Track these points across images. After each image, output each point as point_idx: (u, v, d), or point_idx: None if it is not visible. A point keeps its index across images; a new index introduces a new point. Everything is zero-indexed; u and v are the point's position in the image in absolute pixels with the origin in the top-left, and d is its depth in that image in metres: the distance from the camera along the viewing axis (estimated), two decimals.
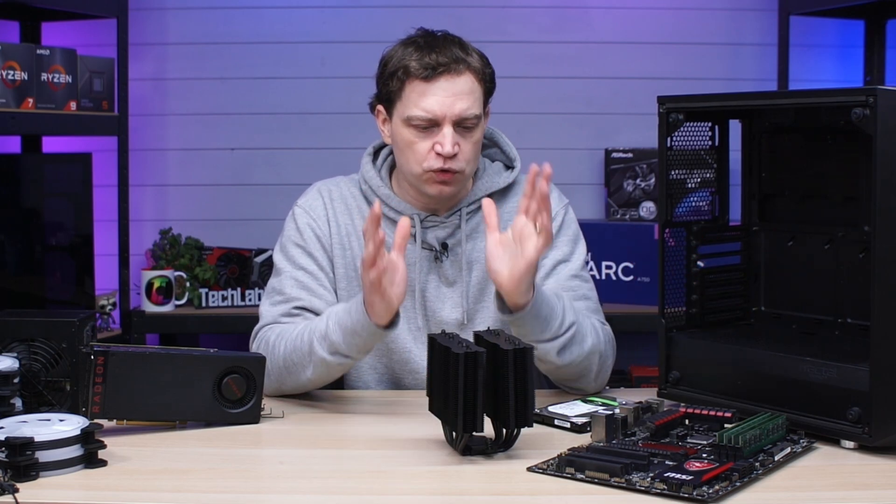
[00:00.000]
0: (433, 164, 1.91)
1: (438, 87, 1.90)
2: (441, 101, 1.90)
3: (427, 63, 1.90)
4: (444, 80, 1.90)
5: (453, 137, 1.90)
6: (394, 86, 1.93)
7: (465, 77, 1.92)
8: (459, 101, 1.90)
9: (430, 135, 1.91)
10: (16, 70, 2.92)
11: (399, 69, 1.92)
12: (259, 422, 1.75)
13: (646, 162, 3.51)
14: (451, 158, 1.91)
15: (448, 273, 2.00)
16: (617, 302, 3.31)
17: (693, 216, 1.88)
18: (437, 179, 1.93)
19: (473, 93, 1.93)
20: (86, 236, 3.36)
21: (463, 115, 1.91)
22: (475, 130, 1.94)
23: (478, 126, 1.94)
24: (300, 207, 2.05)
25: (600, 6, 3.67)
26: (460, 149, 1.91)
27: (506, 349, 1.50)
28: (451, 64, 1.90)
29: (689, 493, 1.33)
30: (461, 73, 1.91)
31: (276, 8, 3.66)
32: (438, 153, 1.90)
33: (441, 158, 1.91)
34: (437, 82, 1.90)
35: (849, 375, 1.56)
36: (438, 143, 1.90)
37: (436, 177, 1.92)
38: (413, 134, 1.92)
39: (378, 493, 1.43)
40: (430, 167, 1.92)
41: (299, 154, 3.66)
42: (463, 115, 1.91)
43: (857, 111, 1.51)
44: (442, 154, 1.90)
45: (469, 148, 1.94)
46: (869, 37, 3.57)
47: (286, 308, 1.95)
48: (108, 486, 1.43)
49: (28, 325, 1.71)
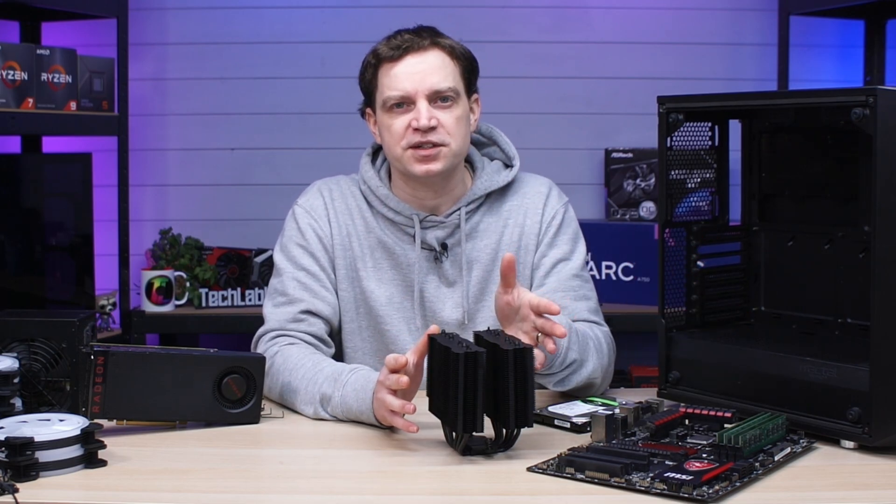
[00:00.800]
0: (412, 140, 1.91)
1: (406, 64, 1.92)
2: (410, 76, 1.91)
3: (393, 44, 1.93)
4: (411, 57, 1.92)
5: (428, 111, 1.90)
6: (369, 77, 1.96)
7: (434, 52, 1.93)
8: (430, 76, 1.91)
9: (405, 113, 1.92)
10: (16, 70, 2.92)
11: (370, 59, 1.96)
12: (259, 422, 1.75)
13: (646, 162, 3.51)
14: (431, 132, 1.90)
15: (448, 273, 2.00)
16: (617, 302, 3.31)
17: (693, 216, 1.88)
18: (418, 157, 1.92)
19: (444, 67, 1.93)
20: (86, 236, 3.36)
21: (435, 88, 1.91)
22: (455, 106, 1.94)
23: (457, 101, 1.94)
24: (301, 207, 2.04)
25: (600, 6, 3.67)
26: (440, 122, 1.91)
27: (506, 349, 1.50)
28: (416, 40, 1.93)
29: (689, 493, 1.33)
30: (428, 48, 1.93)
31: (276, 8, 3.66)
32: (415, 128, 1.90)
33: (419, 133, 1.90)
34: (404, 60, 1.92)
35: (849, 375, 1.56)
36: (414, 118, 1.91)
37: (417, 153, 1.92)
38: (390, 117, 1.93)
39: (378, 493, 1.43)
40: (408, 143, 1.92)
41: (299, 154, 3.66)
42: (435, 88, 1.91)
43: (857, 111, 1.51)
44: (419, 128, 1.90)
45: (451, 122, 1.93)
46: (869, 37, 3.57)
47: (291, 312, 1.95)
48: (108, 486, 1.43)
49: (28, 325, 1.71)
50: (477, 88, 2.01)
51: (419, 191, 1.99)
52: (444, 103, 1.92)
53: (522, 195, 2.04)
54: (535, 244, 2.02)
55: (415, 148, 1.91)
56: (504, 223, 2.02)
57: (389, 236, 2.00)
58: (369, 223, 2.01)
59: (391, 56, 1.92)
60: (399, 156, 1.94)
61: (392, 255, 2.00)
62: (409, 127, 1.91)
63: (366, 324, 2.01)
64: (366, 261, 2.00)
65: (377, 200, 2.00)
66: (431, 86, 1.91)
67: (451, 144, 1.93)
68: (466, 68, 1.97)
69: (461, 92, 1.95)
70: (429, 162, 1.92)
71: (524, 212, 2.03)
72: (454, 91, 1.93)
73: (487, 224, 2.02)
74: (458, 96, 1.94)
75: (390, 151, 1.96)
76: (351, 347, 2.02)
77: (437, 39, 1.95)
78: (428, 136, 1.91)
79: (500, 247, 2.01)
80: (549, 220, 2.02)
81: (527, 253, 2.01)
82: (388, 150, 1.97)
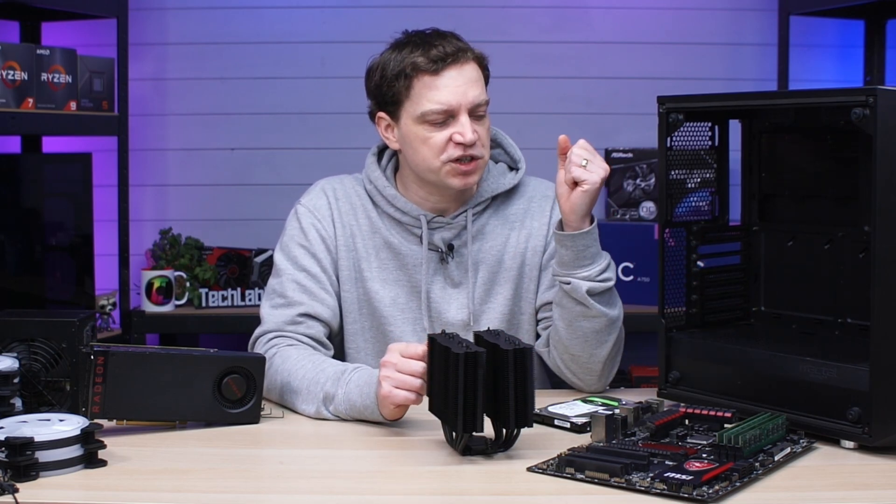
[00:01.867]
0: (453, 154, 1.91)
1: (448, 78, 1.90)
2: (453, 90, 1.90)
3: (434, 56, 1.90)
4: (453, 70, 1.91)
5: (471, 125, 1.91)
6: (400, 86, 1.92)
7: (471, 65, 1.93)
8: (471, 89, 1.91)
9: (445, 127, 1.91)
10: (16, 70, 2.92)
11: (404, 68, 1.91)
12: (259, 422, 1.75)
13: (646, 162, 3.51)
14: (472, 146, 1.91)
15: (454, 274, 2.00)
16: None
17: (693, 216, 1.88)
18: (460, 171, 1.92)
19: (480, 80, 1.94)
20: (86, 236, 3.36)
21: (476, 102, 1.91)
22: (486, 117, 1.96)
23: (487, 112, 1.96)
24: (304, 206, 2.03)
25: (600, 6, 3.67)
26: (478, 136, 1.92)
27: (506, 349, 1.50)
28: (457, 53, 1.91)
29: (688, 493, 1.33)
30: (467, 61, 1.92)
31: (276, 8, 3.66)
32: (459, 142, 1.90)
33: (461, 147, 1.91)
34: (446, 73, 1.90)
35: (849, 375, 1.56)
36: (458, 133, 1.90)
37: (458, 167, 1.92)
38: (427, 129, 1.92)
39: (378, 493, 1.43)
40: (450, 157, 1.91)
41: (299, 154, 3.65)
42: (476, 102, 1.91)
43: (857, 111, 1.51)
44: (464, 142, 1.90)
45: (485, 134, 1.95)
46: (869, 37, 3.56)
47: (289, 314, 1.95)
48: (108, 486, 1.43)
49: (28, 325, 1.71)
50: None
51: (434, 195, 1.99)
52: (479, 117, 1.93)
53: (529, 198, 2.05)
54: (542, 246, 2.02)
55: (455, 162, 1.91)
56: (510, 226, 2.03)
57: (395, 236, 2.00)
58: (374, 223, 2.01)
59: (431, 69, 1.90)
60: (436, 168, 1.93)
61: (398, 255, 1.99)
62: (450, 141, 1.91)
63: (369, 324, 2.01)
64: (370, 261, 2.00)
65: (384, 200, 2.00)
66: (473, 99, 1.91)
67: (485, 156, 1.95)
68: (487, 77, 1.98)
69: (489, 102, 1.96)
70: (468, 176, 1.93)
71: (531, 215, 2.04)
72: (487, 103, 1.95)
73: (494, 226, 2.02)
74: (488, 107, 1.96)
75: (425, 164, 1.94)
76: (353, 348, 2.01)
77: (472, 51, 1.94)
78: (470, 151, 1.91)
79: (506, 249, 2.02)
80: (556, 223, 2.02)
81: (534, 255, 2.02)
82: (420, 161, 1.95)
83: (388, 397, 1.66)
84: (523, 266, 2.02)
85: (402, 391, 1.64)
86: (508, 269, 2.01)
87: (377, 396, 1.69)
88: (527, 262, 2.02)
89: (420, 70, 1.90)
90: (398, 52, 1.93)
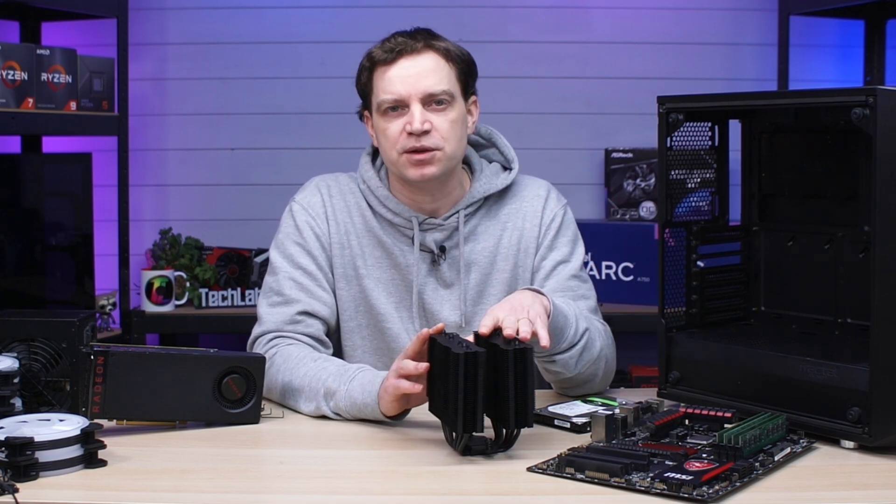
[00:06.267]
0: (406, 144, 1.90)
1: (400, 68, 1.91)
2: (403, 80, 1.90)
3: (387, 47, 1.92)
4: (405, 60, 1.91)
5: (422, 115, 1.90)
6: (364, 80, 1.96)
7: (428, 55, 1.93)
8: (424, 79, 1.91)
9: (401, 117, 1.91)
10: (16, 70, 2.92)
11: (365, 62, 1.95)
12: (259, 422, 1.75)
13: (646, 162, 3.51)
14: (425, 136, 1.90)
15: (446, 275, 2.00)
16: (617, 302, 3.31)
17: (693, 216, 1.88)
18: (413, 161, 1.91)
19: (439, 70, 1.92)
20: (86, 236, 3.36)
21: (429, 91, 1.90)
22: (450, 109, 1.93)
23: (452, 104, 1.93)
24: (298, 204, 2.03)
25: (600, 6, 3.67)
26: (433, 126, 1.90)
27: (506, 349, 1.50)
28: (409, 42, 1.92)
29: (688, 493, 1.33)
30: (421, 51, 1.92)
31: (276, 8, 3.66)
32: (409, 132, 1.90)
33: (413, 137, 1.90)
34: (398, 63, 1.91)
35: (849, 375, 1.56)
36: (408, 122, 1.90)
37: (411, 158, 1.91)
38: (385, 120, 1.92)
39: (378, 493, 1.43)
40: (403, 148, 1.91)
41: (299, 154, 3.66)
42: (429, 91, 1.90)
43: (857, 111, 1.51)
44: (412, 132, 1.89)
45: (445, 126, 1.92)
46: (869, 37, 3.57)
47: (288, 313, 1.94)
48: (108, 486, 1.43)
49: (28, 325, 1.71)
50: (475, 91, 2.01)
51: (417, 194, 1.99)
52: (438, 106, 1.92)
53: (521, 198, 2.04)
54: (534, 247, 2.02)
55: (410, 153, 1.91)
56: (503, 226, 2.02)
57: (388, 237, 2.00)
58: (369, 222, 2.01)
59: (385, 59, 1.92)
60: (394, 160, 1.93)
61: (390, 255, 1.99)
62: (404, 131, 1.90)
63: (365, 322, 2.01)
64: (366, 258, 2.00)
65: (376, 201, 2.00)
66: (425, 89, 1.90)
67: (445, 148, 1.92)
68: (463, 70, 1.96)
69: (456, 94, 1.94)
70: (423, 167, 1.91)
71: (523, 215, 2.03)
72: (448, 94, 1.92)
73: (486, 227, 2.02)
74: (453, 99, 1.93)
75: (386, 155, 1.96)
76: (350, 346, 2.01)
77: (431, 42, 1.94)
78: (421, 141, 1.90)
79: (499, 249, 2.01)
80: (548, 223, 2.02)
81: (526, 256, 2.01)
82: (384, 154, 1.97)
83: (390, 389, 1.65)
84: (516, 267, 2.01)
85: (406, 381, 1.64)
86: (501, 271, 2.01)
87: (379, 392, 1.69)
88: (519, 264, 2.01)
89: (376, 62, 1.93)
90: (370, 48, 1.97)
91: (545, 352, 1.77)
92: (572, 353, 1.81)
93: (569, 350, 1.80)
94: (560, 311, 1.77)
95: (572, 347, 1.80)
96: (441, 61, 1.93)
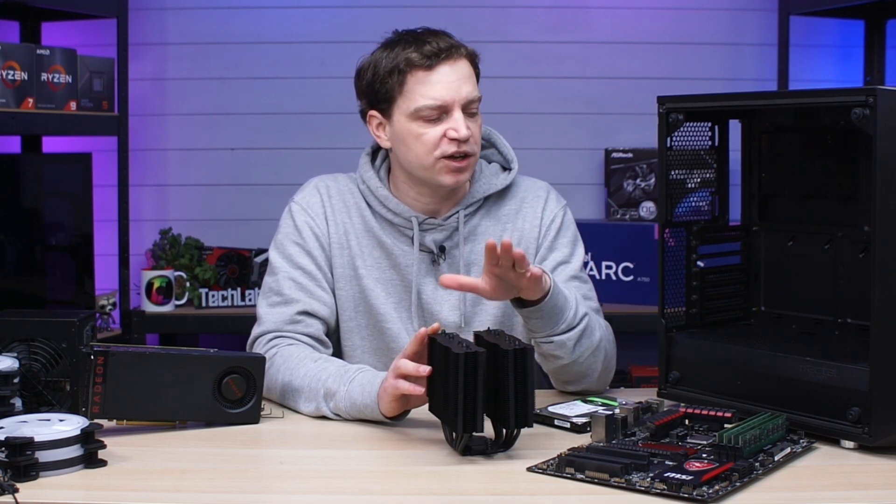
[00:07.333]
0: (447, 150, 1.90)
1: (442, 74, 1.90)
2: (447, 86, 1.90)
3: (427, 52, 1.90)
4: (446, 66, 1.91)
5: (465, 121, 1.90)
6: (393, 83, 1.92)
7: (464, 61, 1.93)
8: (464, 85, 1.91)
9: (439, 123, 1.91)
10: (16, 70, 2.92)
11: (398, 64, 1.91)
12: (259, 422, 1.75)
13: (646, 162, 3.51)
14: (465, 142, 1.91)
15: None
16: (617, 302, 3.31)
17: (693, 216, 1.88)
18: (452, 167, 1.91)
19: (472, 77, 1.94)
20: (86, 236, 3.36)
21: (469, 98, 1.91)
22: (478, 115, 1.96)
23: (478, 111, 1.96)
24: (297, 204, 2.03)
25: (600, 6, 3.67)
26: (471, 132, 1.92)
27: (506, 349, 1.50)
28: (450, 49, 1.91)
29: (688, 493, 1.33)
30: (460, 57, 1.92)
31: (276, 8, 3.66)
32: (453, 138, 1.90)
33: (455, 143, 1.90)
34: (440, 69, 1.90)
35: (849, 375, 1.56)
36: (452, 129, 1.90)
37: (451, 164, 1.91)
38: (421, 126, 1.91)
39: (378, 493, 1.43)
40: (444, 153, 1.91)
41: (299, 154, 3.65)
42: (469, 98, 1.91)
43: (857, 111, 1.51)
44: (458, 138, 1.90)
45: (477, 132, 1.95)
46: (869, 37, 3.57)
47: (287, 313, 1.94)
48: (108, 486, 1.43)
49: (28, 325, 1.71)
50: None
51: (424, 196, 1.99)
52: (471, 113, 1.93)
53: (521, 199, 2.04)
54: (534, 248, 2.02)
55: (450, 158, 1.91)
56: (503, 227, 2.02)
57: (388, 237, 2.00)
58: (368, 222, 2.01)
59: (427, 65, 1.90)
60: (428, 165, 1.92)
61: (390, 255, 1.99)
62: (444, 137, 1.90)
63: (365, 322, 2.01)
64: (365, 259, 2.00)
65: (376, 201, 2.00)
66: (466, 95, 1.91)
67: (476, 154, 1.95)
68: (478, 75, 1.98)
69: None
70: (461, 173, 1.93)
71: (523, 216, 2.03)
72: (479, 100, 1.94)
73: (486, 227, 2.02)
74: (479, 104, 1.96)
75: (418, 161, 1.93)
76: (349, 346, 2.01)
77: (465, 48, 1.95)
78: (463, 147, 1.91)
79: None
80: (548, 224, 2.02)
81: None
82: (413, 159, 1.94)
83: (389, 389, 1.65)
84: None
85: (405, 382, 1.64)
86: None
87: (379, 392, 1.69)
88: None
89: (414, 65, 1.90)
90: (390, 50, 1.93)
91: (544, 330, 1.78)
92: (571, 335, 1.81)
93: (567, 332, 1.81)
94: (560, 290, 1.78)
95: (571, 329, 1.81)
96: (470, 67, 1.95)
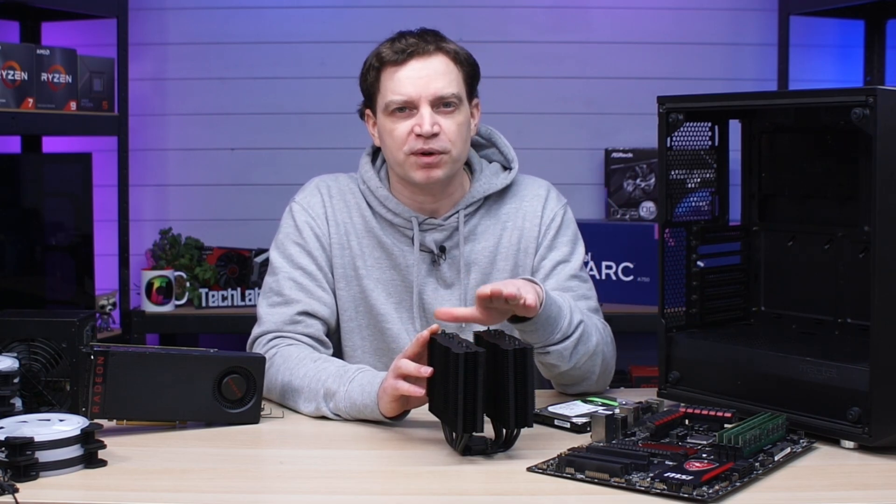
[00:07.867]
0: (414, 146, 1.90)
1: (410, 69, 1.91)
2: (414, 81, 1.90)
3: (398, 48, 1.92)
4: (416, 62, 1.91)
5: (431, 117, 1.90)
6: (371, 79, 1.95)
7: (438, 57, 1.93)
8: (434, 81, 1.91)
9: (409, 118, 1.91)
10: (16, 70, 2.92)
11: (373, 61, 1.95)
12: (259, 422, 1.75)
13: (646, 162, 3.51)
14: (433, 138, 1.90)
15: (446, 276, 2.00)
16: (617, 302, 3.31)
17: (693, 216, 1.88)
18: (420, 164, 1.91)
19: (448, 73, 1.93)
20: (86, 236, 3.36)
21: (439, 94, 1.90)
22: (457, 112, 1.93)
23: (459, 107, 1.93)
24: (298, 204, 2.03)
25: (600, 6, 3.67)
26: (442, 129, 1.90)
27: (506, 349, 1.50)
28: (420, 44, 1.92)
29: (688, 493, 1.33)
30: (432, 53, 1.92)
31: (276, 8, 3.66)
32: (418, 134, 1.90)
33: (421, 139, 1.90)
34: (408, 64, 1.91)
35: (849, 375, 1.56)
36: (417, 125, 1.90)
37: (420, 160, 1.91)
38: (393, 121, 1.92)
39: (378, 493, 1.43)
40: (410, 149, 1.91)
41: (299, 154, 3.66)
42: (439, 94, 1.90)
43: (857, 111, 1.51)
44: (421, 134, 1.89)
45: (453, 129, 1.92)
46: (869, 37, 3.57)
47: (287, 314, 1.94)
48: (108, 486, 1.43)
49: (28, 325, 1.71)
50: (477, 93, 2.01)
51: (418, 195, 1.99)
52: (446, 109, 1.92)
53: (521, 198, 2.04)
54: (534, 247, 2.02)
55: (417, 154, 1.91)
56: (503, 226, 2.02)
57: (388, 237, 2.00)
58: (368, 222, 2.01)
59: (395, 60, 1.91)
60: (401, 161, 1.93)
61: (390, 255, 1.99)
62: (412, 132, 1.90)
63: (365, 322, 2.01)
64: (365, 259, 2.00)
65: (376, 201, 2.00)
66: (435, 91, 1.91)
67: (451, 151, 1.93)
68: (469, 73, 1.97)
69: (463, 98, 1.95)
70: (430, 169, 1.92)
71: (523, 215, 2.03)
72: (457, 97, 1.93)
73: (486, 227, 2.02)
74: (461, 102, 1.94)
75: (391, 156, 1.95)
76: (350, 346, 2.01)
77: (441, 44, 1.94)
78: (430, 143, 1.90)
79: (499, 249, 2.01)
80: (548, 223, 2.02)
81: (526, 256, 2.01)
82: (388, 155, 1.97)
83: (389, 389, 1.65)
84: (516, 267, 2.01)
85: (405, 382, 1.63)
86: (501, 271, 2.01)
87: (378, 392, 1.69)
88: (519, 263, 2.01)
89: (385, 61, 1.92)
90: (377, 47, 1.96)
91: (539, 342, 1.77)
92: (566, 344, 1.80)
93: (563, 341, 1.80)
94: (553, 300, 1.77)
95: (566, 339, 1.80)
96: (450, 64, 1.94)
